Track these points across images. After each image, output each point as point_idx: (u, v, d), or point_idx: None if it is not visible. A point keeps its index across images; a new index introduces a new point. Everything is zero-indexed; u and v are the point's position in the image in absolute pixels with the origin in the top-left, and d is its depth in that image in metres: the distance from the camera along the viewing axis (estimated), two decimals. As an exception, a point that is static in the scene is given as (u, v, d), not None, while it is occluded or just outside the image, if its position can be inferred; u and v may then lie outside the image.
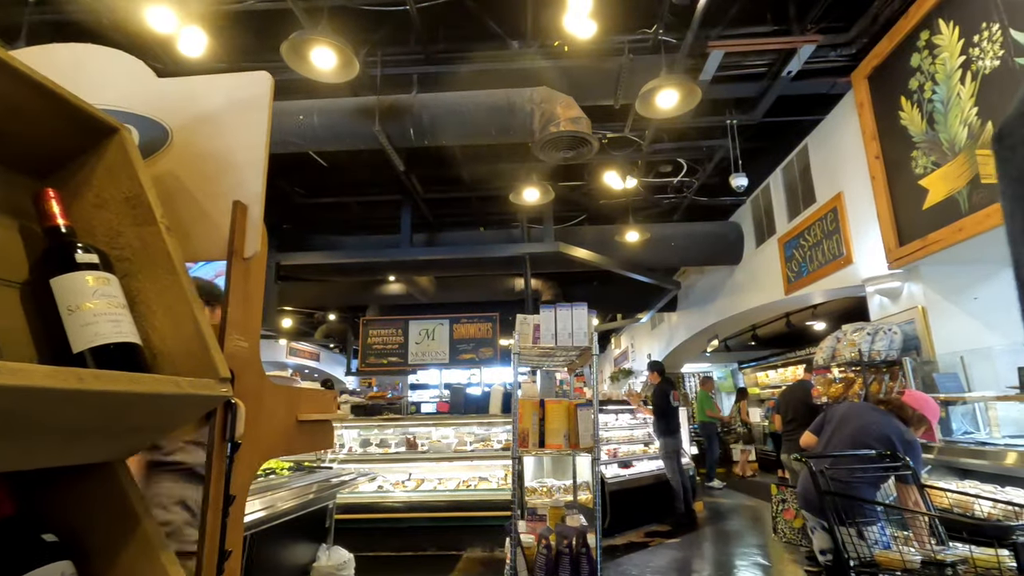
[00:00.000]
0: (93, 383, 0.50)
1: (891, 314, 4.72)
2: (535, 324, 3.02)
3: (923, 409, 2.85)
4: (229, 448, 0.76)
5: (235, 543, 0.76)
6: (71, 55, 0.92)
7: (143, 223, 0.76)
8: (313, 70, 3.83)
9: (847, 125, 5.16)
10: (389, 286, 9.62)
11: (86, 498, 0.70)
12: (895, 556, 2.08)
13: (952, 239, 3.79)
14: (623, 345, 16.14)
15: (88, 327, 0.65)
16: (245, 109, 0.90)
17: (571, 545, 2.66)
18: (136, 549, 0.68)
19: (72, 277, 0.67)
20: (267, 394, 0.89)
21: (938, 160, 3.94)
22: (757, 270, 7.46)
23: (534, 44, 4.72)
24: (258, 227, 0.86)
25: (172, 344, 0.72)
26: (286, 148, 4.97)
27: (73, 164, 0.80)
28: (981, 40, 3.50)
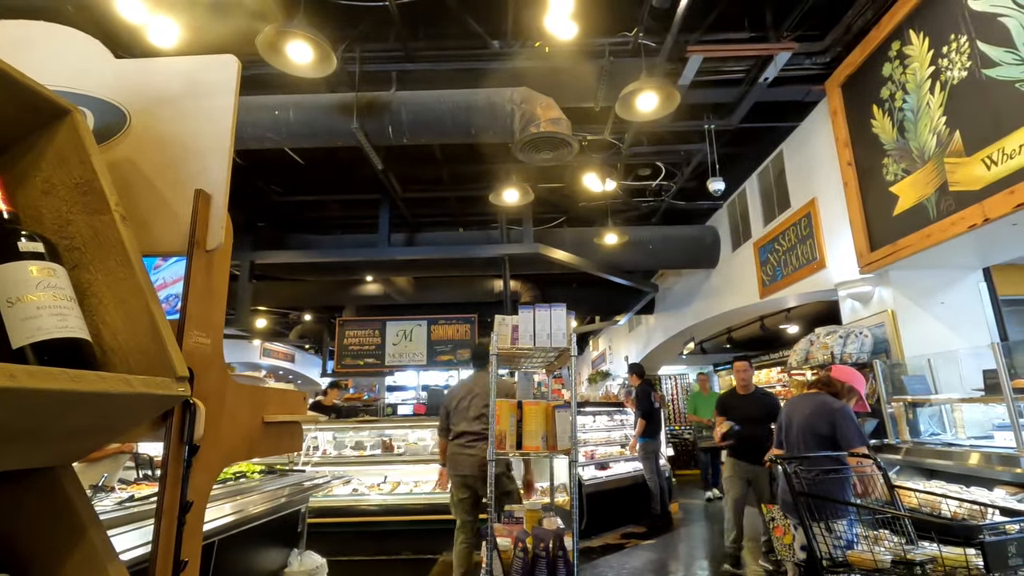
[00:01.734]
0: (26, 380, 0.46)
1: (862, 317, 4.82)
2: (514, 324, 2.99)
3: (850, 380, 3.05)
4: (187, 451, 0.71)
5: (192, 552, 0.71)
6: (20, 32, 0.86)
7: (95, 211, 0.71)
8: (289, 64, 3.75)
9: (821, 132, 5.26)
10: (366, 286, 9.50)
11: (26, 506, 0.65)
12: (867, 556, 2.10)
13: (920, 245, 3.88)
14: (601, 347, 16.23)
15: (30, 321, 0.60)
16: (210, 93, 0.85)
17: (548, 548, 2.64)
18: (81, 560, 0.63)
19: (13, 267, 0.62)
20: (230, 394, 0.84)
21: (908, 167, 4.04)
22: (733, 274, 7.56)
23: (515, 44, 4.70)
24: (222, 218, 0.82)
25: (124, 340, 0.67)
26: (262, 144, 4.86)
27: (19, 147, 0.75)
28: (950, 51, 3.60)
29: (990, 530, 1.86)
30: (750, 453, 4.44)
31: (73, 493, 0.65)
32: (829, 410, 2.94)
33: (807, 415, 3.05)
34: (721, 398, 4.98)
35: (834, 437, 2.86)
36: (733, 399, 4.82)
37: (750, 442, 4.44)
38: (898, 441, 3.91)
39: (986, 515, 2.40)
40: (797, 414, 3.16)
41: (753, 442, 4.40)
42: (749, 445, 4.45)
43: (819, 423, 2.94)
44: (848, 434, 2.83)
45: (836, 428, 2.87)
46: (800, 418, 3.10)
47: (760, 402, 4.64)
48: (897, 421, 4.00)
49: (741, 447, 4.55)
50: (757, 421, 4.48)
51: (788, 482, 2.47)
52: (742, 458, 4.54)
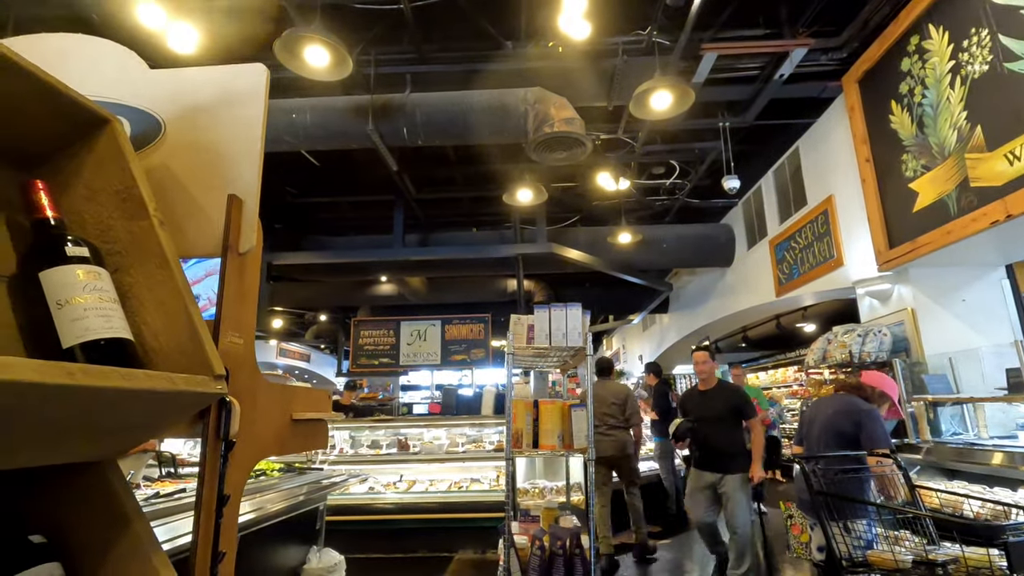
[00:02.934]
0: (83, 378, 0.48)
1: (881, 316, 4.76)
2: (529, 324, 3.01)
3: (882, 386, 2.99)
4: (223, 447, 0.74)
5: (229, 544, 0.74)
6: (61, 45, 0.90)
7: (135, 216, 0.74)
8: (306, 68, 3.80)
9: (838, 128, 5.20)
10: (381, 287, 9.57)
11: (75, 498, 0.68)
12: (887, 556, 2.09)
13: (941, 242, 3.83)
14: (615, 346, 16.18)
15: (78, 322, 0.63)
16: (240, 101, 0.88)
17: (565, 546, 2.65)
18: (127, 550, 0.66)
19: (62, 270, 0.65)
20: (262, 392, 0.87)
21: (928, 163, 3.98)
22: (748, 272, 7.50)
23: (528, 45, 4.71)
24: (253, 222, 0.85)
25: (165, 340, 0.70)
26: (278, 146, 4.93)
27: (63, 156, 0.78)
28: (970, 45, 3.54)
29: (1013, 530, 1.84)
30: (713, 459, 3.82)
31: (119, 486, 0.68)
32: (856, 410, 2.88)
33: (830, 414, 3.01)
34: (681, 398, 4.30)
35: (856, 437, 2.83)
36: (692, 397, 4.11)
37: (710, 446, 3.82)
38: (919, 441, 3.86)
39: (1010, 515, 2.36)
40: (820, 413, 3.11)
41: (714, 446, 3.80)
42: (711, 449, 3.82)
43: (843, 422, 2.89)
44: (875, 435, 2.78)
45: (862, 428, 2.81)
46: (823, 417, 3.05)
47: (722, 397, 3.91)
48: (918, 420, 3.95)
49: (702, 453, 3.87)
50: (719, 420, 3.82)
51: (806, 481, 2.46)
52: (704, 466, 3.85)
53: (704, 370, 4.03)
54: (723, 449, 3.76)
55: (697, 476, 3.86)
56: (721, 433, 3.78)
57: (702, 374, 4.04)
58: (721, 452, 3.76)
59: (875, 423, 2.83)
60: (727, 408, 3.83)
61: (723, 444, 3.77)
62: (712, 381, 4.01)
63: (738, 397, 3.86)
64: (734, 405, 3.83)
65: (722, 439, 3.78)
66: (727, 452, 3.75)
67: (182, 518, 2.61)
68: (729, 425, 3.79)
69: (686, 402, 4.13)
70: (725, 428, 3.79)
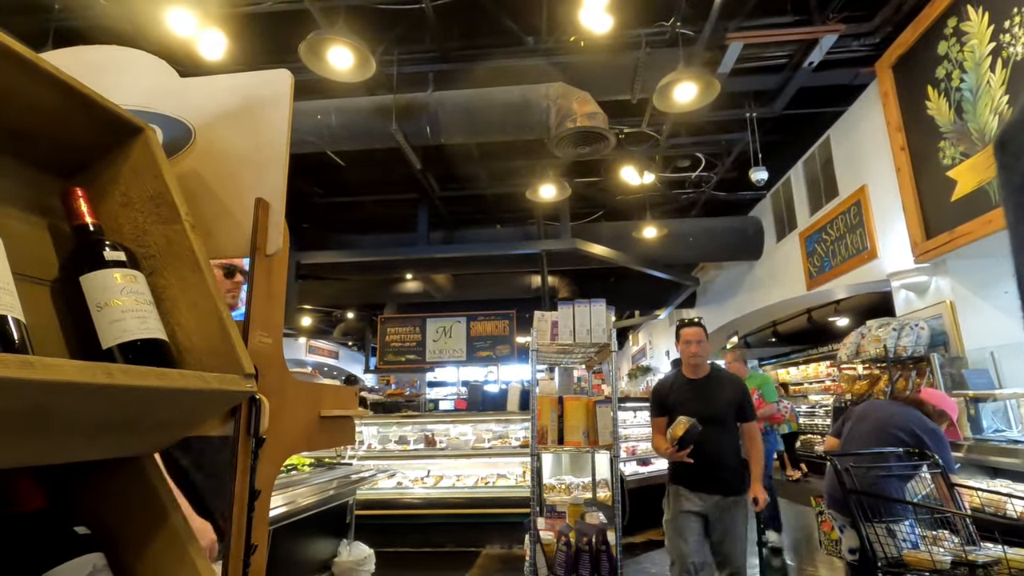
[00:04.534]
0: (121, 378, 0.51)
1: (917, 309, 4.61)
2: (553, 321, 3.01)
3: (942, 405, 2.87)
4: (254, 443, 0.76)
5: (260, 538, 0.76)
6: (97, 56, 0.93)
7: (168, 221, 0.77)
8: (330, 70, 3.86)
9: (871, 116, 5.04)
10: (406, 284, 9.68)
11: (116, 492, 0.71)
12: (924, 556, 2.03)
13: (981, 232, 3.68)
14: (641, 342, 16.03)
15: (116, 323, 0.66)
16: (266, 107, 0.90)
17: (591, 542, 2.65)
18: (165, 542, 0.69)
19: (101, 274, 0.68)
20: (290, 390, 0.89)
21: (967, 150, 3.83)
22: (777, 265, 7.35)
23: (549, 40, 4.69)
24: (280, 224, 0.87)
25: (197, 340, 0.73)
26: (304, 148, 5.03)
27: (100, 164, 0.82)
28: (1012, 26, 3.39)
29: (1060, 531, 1.76)
30: (709, 475, 2.77)
31: (156, 480, 0.71)
32: (921, 424, 2.71)
33: (885, 416, 2.82)
34: (657, 388, 3.14)
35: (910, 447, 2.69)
36: (677, 389, 3.00)
37: (707, 456, 2.73)
38: (959, 438, 3.73)
39: (1056, 516, 2.27)
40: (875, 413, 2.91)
41: (712, 456, 2.75)
42: (707, 462, 2.73)
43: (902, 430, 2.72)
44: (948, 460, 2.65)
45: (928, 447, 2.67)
46: (879, 417, 2.86)
47: (721, 391, 2.93)
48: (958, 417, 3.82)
49: (693, 465, 2.71)
50: (717, 422, 2.81)
51: (839, 479, 2.40)
52: (696, 484, 2.80)
53: (697, 353, 2.96)
54: (724, 461, 2.80)
55: (682, 498, 2.84)
56: (722, 439, 2.82)
57: (694, 358, 2.96)
58: (721, 465, 2.79)
59: (945, 448, 2.66)
60: (729, 405, 2.89)
61: (724, 454, 2.82)
62: (705, 368, 3.01)
63: (742, 391, 2.96)
64: (737, 402, 2.90)
65: (723, 447, 2.82)
66: (728, 465, 2.82)
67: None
68: (730, 428, 2.90)
69: (667, 395, 3.00)
70: (726, 433, 2.86)
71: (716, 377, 3.01)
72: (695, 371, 3.01)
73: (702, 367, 3.01)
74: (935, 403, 2.87)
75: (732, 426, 2.91)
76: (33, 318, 0.72)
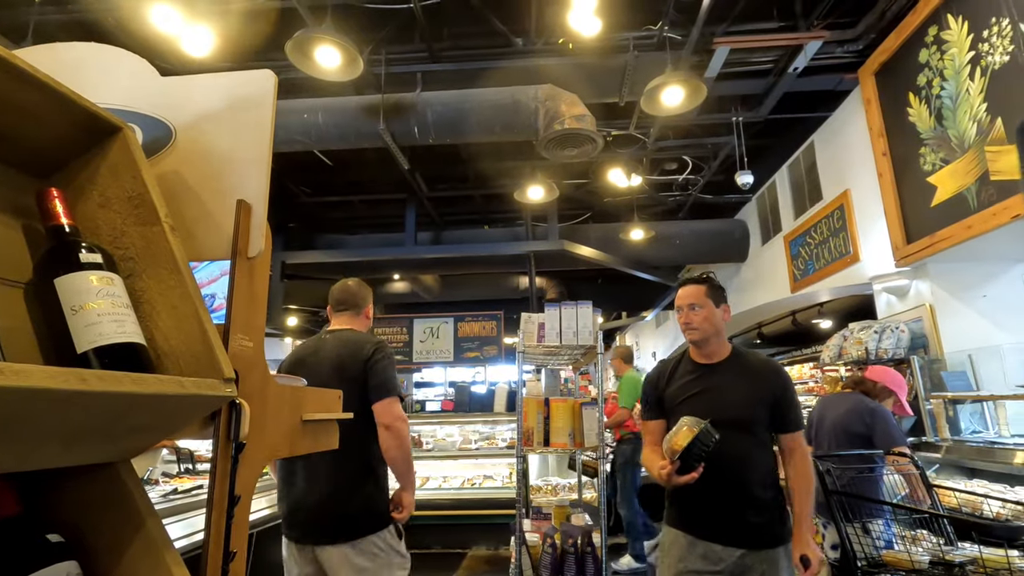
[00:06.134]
0: (96, 384, 0.50)
1: (898, 312, 4.69)
2: (540, 322, 3.02)
3: (884, 381, 2.96)
4: (234, 448, 0.75)
5: (240, 544, 0.75)
6: (74, 54, 0.92)
7: (147, 223, 0.76)
8: (318, 69, 3.83)
9: (854, 122, 5.12)
10: (393, 284, 9.64)
11: (91, 498, 0.70)
12: (903, 556, 2.06)
13: (961, 236, 3.75)
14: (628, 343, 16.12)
15: (92, 327, 0.65)
16: (248, 107, 0.89)
17: (576, 544, 2.66)
18: (141, 549, 0.68)
19: (76, 277, 0.67)
20: (272, 394, 0.88)
21: (947, 157, 3.91)
22: (763, 268, 7.43)
23: (538, 42, 4.70)
24: (262, 226, 0.86)
25: (176, 344, 0.72)
26: (291, 147, 4.98)
27: (76, 163, 0.80)
28: (990, 35, 3.47)
29: (1034, 531, 1.80)
30: (731, 515, 1.84)
31: (132, 486, 0.70)
32: (865, 410, 2.88)
33: (842, 412, 2.99)
34: (651, 378, 2.15)
35: (867, 436, 2.81)
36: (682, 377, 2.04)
37: (726, 484, 1.83)
38: (937, 439, 3.80)
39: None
40: (830, 411, 3.10)
41: (735, 484, 1.84)
42: (728, 491, 1.84)
43: (854, 421, 2.89)
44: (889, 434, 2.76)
45: (874, 429, 2.80)
46: (833, 415, 3.04)
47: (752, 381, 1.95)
48: (936, 419, 3.89)
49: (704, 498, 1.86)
50: (741, 428, 1.87)
51: (821, 480, 2.43)
52: (710, 530, 1.86)
53: (691, 323, 1.99)
54: (751, 492, 1.84)
55: (686, 551, 1.88)
56: (749, 457, 1.87)
57: (690, 331, 2.00)
58: (748, 498, 1.84)
59: (886, 422, 2.80)
60: (759, 406, 1.91)
61: (752, 480, 1.85)
62: (721, 348, 2.03)
63: (781, 386, 1.95)
64: (773, 401, 1.91)
65: (751, 470, 1.86)
66: (759, 499, 1.85)
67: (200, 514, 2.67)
68: (762, 441, 1.92)
69: (665, 387, 2.06)
70: (755, 447, 1.89)
71: (740, 362, 2.00)
72: (705, 352, 2.02)
73: (713, 346, 2.01)
74: (876, 379, 2.99)
75: (764, 438, 1.92)
76: (6, 321, 0.70)
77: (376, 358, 2.06)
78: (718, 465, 1.76)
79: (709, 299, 2.01)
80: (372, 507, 2.02)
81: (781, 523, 1.91)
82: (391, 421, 2.02)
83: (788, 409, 1.94)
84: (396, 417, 2.03)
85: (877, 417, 2.82)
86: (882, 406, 2.90)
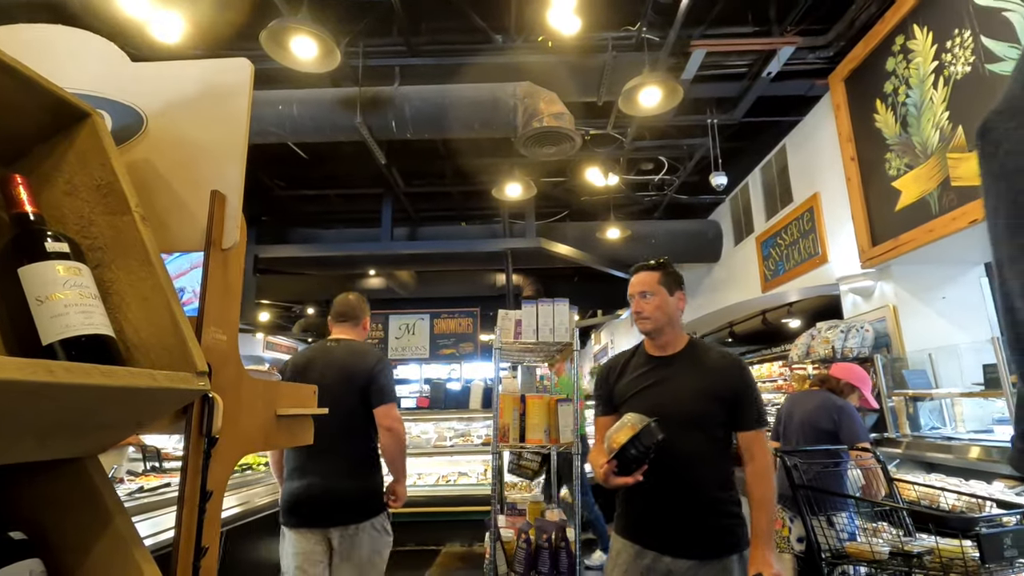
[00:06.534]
0: (64, 376, 0.48)
1: (863, 312, 4.84)
2: (517, 319, 3.02)
3: (848, 378, 3.09)
4: (206, 443, 0.74)
5: (212, 539, 0.74)
6: (39, 36, 0.88)
7: (116, 212, 0.74)
8: (293, 59, 3.76)
9: (824, 127, 5.25)
10: (369, 280, 9.53)
11: (56, 495, 0.68)
12: (864, 547, 2.14)
13: (923, 240, 3.89)
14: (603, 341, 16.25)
15: (58, 318, 0.63)
16: (224, 96, 0.87)
17: (550, 539, 2.68)
18: (108, 546, 0.66)
19: (41, 266, 0.65)
20: (246, 388, 0.87)
21: (911, 162, 4.04)
22: (735, 268, 7.57)
23: (518, 39, 4.70)
24: (237, 217, 0.84)
25: (147, 336, 0.70)
26: (265, 139, 4.88)
27: (41, 150, 0.77)
28: (953, 46, 3.59)
29: (986, 522, 1.89)
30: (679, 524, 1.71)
31: (100, 482, 0.68)
32: (833, 406, 2.98)
33: (810, 409, 3.09)
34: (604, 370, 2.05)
35: (833, 432, 2.90)
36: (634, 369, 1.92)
37: (675, 488, 1.72)
38: (898, 435, 3.94)
39: (983, 508, 2.42)
40: (798, 408, 3.20)
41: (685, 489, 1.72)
42: (677, 497, 1.72)
43: (821, 418, 2.99)
44: (853, 431, 2.87)
45: (840, 425, 2.91)
46: (802, 412, 3.14)
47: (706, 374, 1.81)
48: (897, 415, 4.03)
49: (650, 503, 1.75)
50: (692, 426, 1.74)
51: (788, 475, 2.50)
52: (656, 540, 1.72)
53: (643, 312, 1.87)
54: (702, 496, 1.72)
55: (636, 558, 1.73)
56: (700, 458, 1.73)
57: (642, 320, 1.88)
58: (698, 503, 1.71)
59: (851, 418, 2.91)
60: (713, 401, 1.76)
61: (704, 483, 1.73)
62: (676, 339, 1.90)
63: (739, 380, 1.80)
64: (731, 397, 1.77)
65: (702, 472, 1.73)
66: (711, 503, 1.72)
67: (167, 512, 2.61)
68: (716, 439, 1.77)
69: (616, 380, 1.94)
70: (709, 446, 1.75)
71: (697, 355, 1.86)
72: (659, 343, 1.89)
73: (667, 336, 1.87)
74: (841, 376, 3.12)
75: (721, 436, 1.77)
76: (-35, 312, 0.68)
77: (379, 368, 2.41)
78: (667, 466, 1.65)
79: (662, 286, 1.92)
80: (376, 492, 2.37)
81: (737, 529, 1.73)
82: (391, 423, 2.36)
83: (748, 406, 1.78)
84: (395, 419, 2.38)
85: (844, 414, 2.93)
86: (849, 403, 3.01)
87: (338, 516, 2.25)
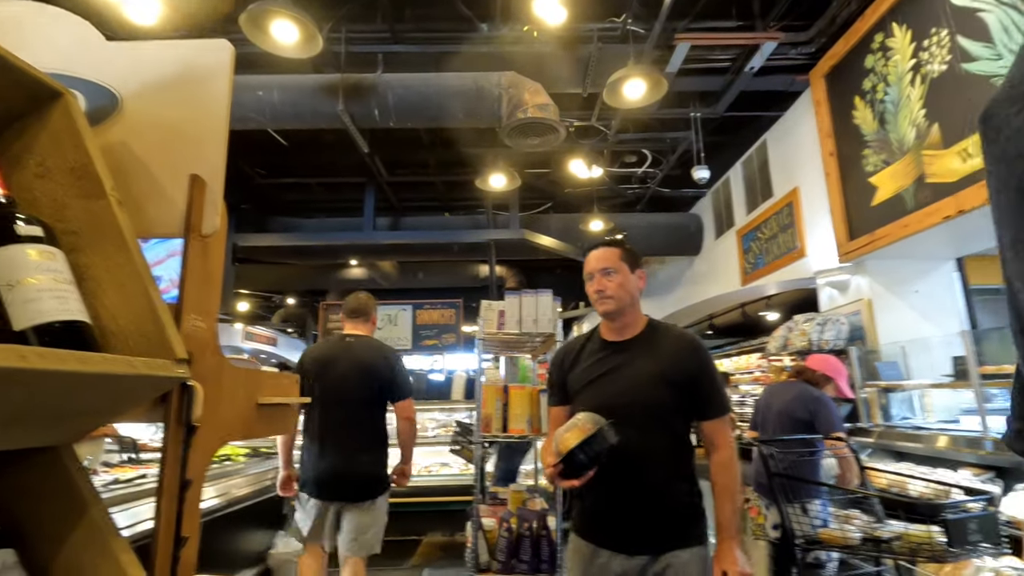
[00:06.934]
0: (37, 362, 0.47)
1: (839, 305, 4.94)
2: (500, 310, 3.02)
3: (824, 369, 3.17)
4: (185, 431, 0.73)
5: (191, 529, 0.73)
6: (9, 12, 0.85)
7: (91, 195, 0.72)
8: (274, 44, 3.68)
9: (805, 122, 5.32)
10: (350, 270, 9.44)
11: (29, 485, 0.66)
12: (837, 533, 2.20)
13: (897, 235, 3.98)
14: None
15: (31, 304, 0.61)
16: (204, 78, 0.85)
17: (532, 528, 2.70)
18: (84, 536, 0.65)
19: (12, 250, 0.63)
20: (226, 376, 0.86)
21: (887, 159, 4.12)
22: (716, 261, 7.67)
23: (504, 28, 4.66)
24: (217, 203, 0.83)
25: (124, 323, 0.68)
26: (245, 125, 4.78)
27: (11, 131, 0.75)
28: (930, 44, 3.66)
29: (952, 509, 1.95)
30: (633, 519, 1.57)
31: (75, 471, 0.66)
32: (809, 397, 3.05)
33: (788, 400, 3.15)
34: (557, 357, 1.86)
35: (809, 422, 2.97)
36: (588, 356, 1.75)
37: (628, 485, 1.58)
38: (871, 425, 4.05)
39: (950, 495, 2.51)
40: (776, 400, 3.26)
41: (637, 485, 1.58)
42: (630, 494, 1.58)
43: (798, 409, 3.05)
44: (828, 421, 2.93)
45: (816, 415, 2.97)
46: (779, 403, 3.20)
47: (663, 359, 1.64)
48: (870, 406, 4.13)
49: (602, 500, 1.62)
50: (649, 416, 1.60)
51: (764, 464, 2.56)
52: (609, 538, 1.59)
53: (603, 291, 1.70)
54: (657, 489, 1.59)
55: (591, 557, 1.62)
56: (655, 449, 1.60)
57: (601, 301, 1.71)
58: (652, 497, 1.59)
59: (827, 409, 2.98)
60: (670, 387, 1.61)
61: (659, 476, 1.60)
62: (635, 321, 1.74)
63: (699, 362, 1.66)
64: (688, 382, 1.62)
65: (658, 464, 1.60)
66: (668, 497, 1.60)
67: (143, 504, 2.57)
68: (673, 430, 1.64)
69: (569, 368, 1.78)
70: (666, 437, 1.63)
71: (654, 339, 1.70)
72: (617, 326, 1.73)
73: (628, 317, 1.72)
74: (817, 367, 3.20)
75: (677, 425, 1.64)
76: (-68, 296, 0.65)
77: (399, 366, 2.87)
78: (620, 461, 1.50)
79: (624, 263, 1.72)
80: (385, 473, 2.85)
81: (694, 522, 1.61)
82: (411, 415, 2.91)
83: (708, 392, 1.64)
84: (413, 411, 2.92)
85: (820, 404, 2.99)
86: (824, 394, 3.08)
87: (355, 493, 2.70)
